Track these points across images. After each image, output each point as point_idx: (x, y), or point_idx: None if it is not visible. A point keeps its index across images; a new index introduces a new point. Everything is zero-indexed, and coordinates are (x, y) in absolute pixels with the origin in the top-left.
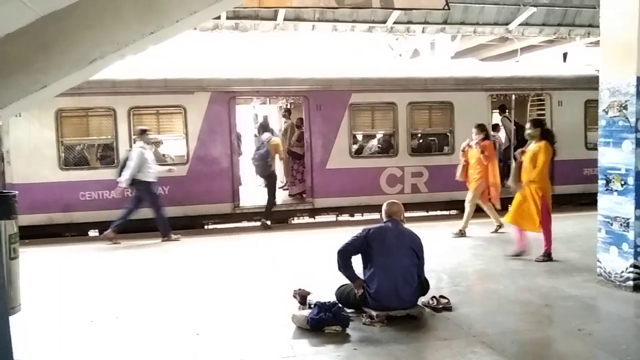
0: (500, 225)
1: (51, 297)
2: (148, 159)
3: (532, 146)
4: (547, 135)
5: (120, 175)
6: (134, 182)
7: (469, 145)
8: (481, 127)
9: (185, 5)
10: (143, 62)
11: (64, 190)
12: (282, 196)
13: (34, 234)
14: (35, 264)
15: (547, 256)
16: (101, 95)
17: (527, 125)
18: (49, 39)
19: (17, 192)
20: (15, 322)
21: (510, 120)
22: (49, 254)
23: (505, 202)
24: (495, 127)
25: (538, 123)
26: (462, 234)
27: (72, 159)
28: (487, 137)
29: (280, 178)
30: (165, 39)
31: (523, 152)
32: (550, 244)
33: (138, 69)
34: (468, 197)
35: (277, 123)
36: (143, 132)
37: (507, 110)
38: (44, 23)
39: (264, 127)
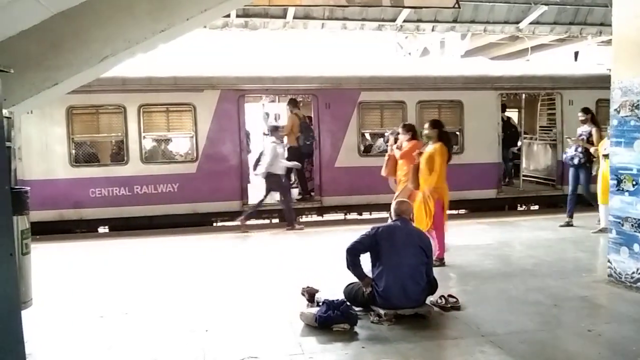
0: None
1: (62, 293)
2: (280, 154)
3: (429, 148)
4: (443, 137)
5: (255, 168)
6: (267, 175)
7: (397, 147)
8: (407, 127)
9: (196, 3)
10: (153, 60)
11: (75, 187)
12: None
13: (44, 230)
14: (46, 259)
15: (440, 261)
16: (111, 93)
17: (426, 125)
18: (61, 36)
19: (29, 188)
20: (26, 316)
21: (503, 120)
22: (59, 250)
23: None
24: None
25: (436, 124)
26: None
27: (83, 156)
28: (414, 137)
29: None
30: (176, 37)
31: (420, 154)
32: (443, 249)
33: (148, 67)
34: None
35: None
36: (275, 129)
37: (506, 110)
38: (57, 21)
39: (294, 102)
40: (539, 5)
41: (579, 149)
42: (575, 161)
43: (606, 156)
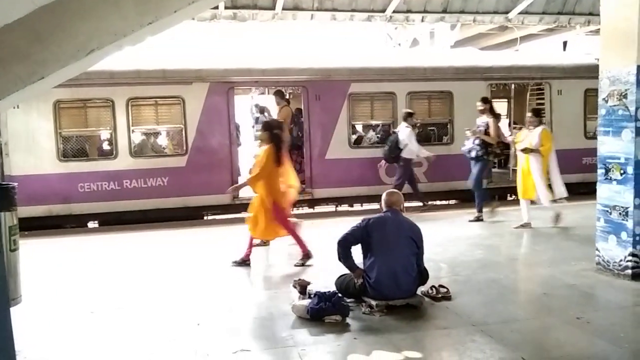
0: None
1: (52, 289)
2: (414, 139)
3: (260, 150)
4: (275, 139)
5: (387, 154)
6: (398, 158)
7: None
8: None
9: None
10: (141, 52)
11: (63, 181)
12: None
13: (33, 226)
14: (35, 255)
15: (306, 257)
16: (99, 86)
17: (260, 127)
18: (46, 30)
19: (16, 183)
20: (16, 313)
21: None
22: (48, 245)
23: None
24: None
25: (267, 126)
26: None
27: (71, 150)
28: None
29: None
30: (164, 30)
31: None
32: (303, 246)
33: (136, 60)
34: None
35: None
36: (409, 115)
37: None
38: (42, 14)
39: (281, 94)
40: None
41: (476, 142)
42: (472, 154)
43: (524, 150)
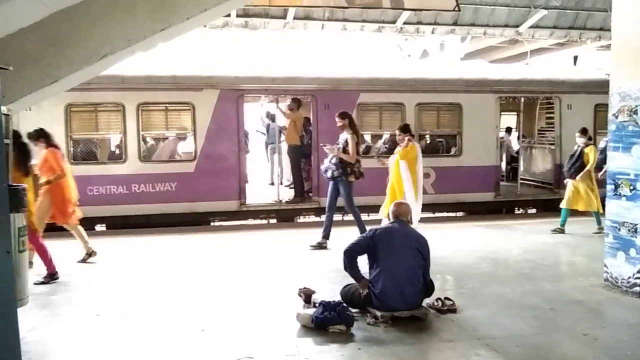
0: (90, 254)
1: (58, 291)
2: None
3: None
4: (20, 148)
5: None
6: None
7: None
8: (38, 134)
9: (196, 3)
10: (152, 58)
11: None
12: (287, 194)
13: None
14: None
15: (50, 277)
16: (110, 91)
17: (30, 132)
18: (60, 34)
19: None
20: (23, 314)
21: None
22: (55, 247)
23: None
24: (509, 130)
25: (32, 133)
26: (89, 256)
27: (81, 154)
28: (51, 144)
29: (287, 176)
30: (176, 36)
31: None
32: (49, 264)
33: (147, 65)
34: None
35: (285, 121)
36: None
37: None
38: (57, 19)
39: (299, 102)
40: (539, 9)
41: (334, 160)
42: (329, 174)
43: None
